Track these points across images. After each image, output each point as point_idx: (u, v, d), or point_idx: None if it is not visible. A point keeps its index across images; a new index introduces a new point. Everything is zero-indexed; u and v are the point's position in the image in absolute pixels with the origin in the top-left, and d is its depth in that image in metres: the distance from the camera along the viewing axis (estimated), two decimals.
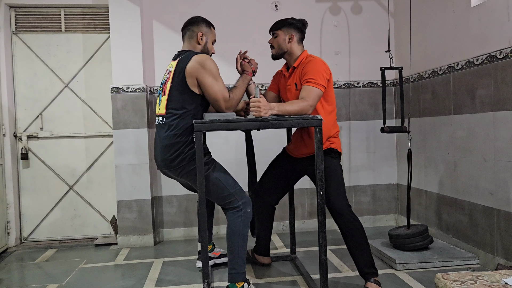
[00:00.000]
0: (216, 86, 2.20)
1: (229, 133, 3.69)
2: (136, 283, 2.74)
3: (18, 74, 3.79)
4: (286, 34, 2.54)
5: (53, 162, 3.84)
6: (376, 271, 2.43)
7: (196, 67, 2.18)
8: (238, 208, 2.26)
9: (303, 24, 2.59)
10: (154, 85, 3.78)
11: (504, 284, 1.59)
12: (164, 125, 2.28)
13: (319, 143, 2.14)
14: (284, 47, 2.55)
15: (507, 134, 2.58)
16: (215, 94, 2.21)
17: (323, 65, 2.43)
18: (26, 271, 3.09)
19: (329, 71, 2.45)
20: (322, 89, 2.35)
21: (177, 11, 3.79)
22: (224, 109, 2.25)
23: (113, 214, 3.83)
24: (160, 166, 2.35)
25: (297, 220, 3.82)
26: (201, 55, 2.24)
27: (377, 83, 3.94)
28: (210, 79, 2.19)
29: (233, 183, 2.32)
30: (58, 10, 3.82)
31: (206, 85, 2.20)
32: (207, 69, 2.19)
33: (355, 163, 3.98)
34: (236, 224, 2.24)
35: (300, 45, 2.58)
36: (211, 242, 2.91)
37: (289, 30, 2.54)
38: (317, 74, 2.35)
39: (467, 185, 2.97)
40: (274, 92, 2.75)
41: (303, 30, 2.59)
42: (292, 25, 2.54)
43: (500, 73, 2.62)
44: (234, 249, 2.24)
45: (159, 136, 2.31)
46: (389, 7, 3.87)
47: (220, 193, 2.28)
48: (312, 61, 2.44)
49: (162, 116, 2.30)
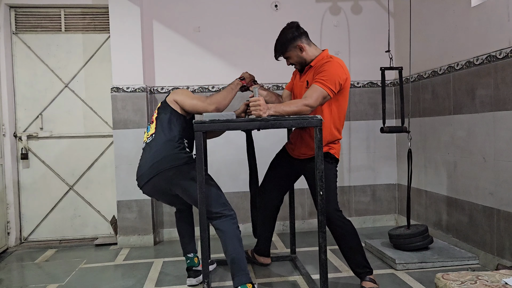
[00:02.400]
0: (189, 98, 2.44)
1: (230, 133, 3.69)
2: (136, 283, 2.74)
3: (18, 74, 3.79)
4: (295, 49, 2.43)
5: (53, 162, 3.84)
6: (371, 269, 2.44)
7: (171, 95, 2.51)
8: (232, 216, 2.33)
9: (297, 27, 2.46)
10: (154, 85, 3.79)
11: (504, 284, 1.59)
12: (154, 140, 2.43)
13: (319, 143, 2.14)
14: (303, 60, 2.45)
15: (507, 134, 2.58)
16: (191, 102, 2.42)
17: (339, 69, 2.33)
18: (26, 271, 3.09)
19: (345, 76, 2.34)
20: (329, 92, 2.28)
21: (177, 11, 3.79)
22: (205, 105, 2.37)
23: (113, 214, 3.83)
24: (148, 175, 2.37)
25: (297, 220, 3.82)
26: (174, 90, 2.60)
27: (377, 83, 3.94)
28: (183, 96, 2.46)
29: (223, 194, 2.42)
30: (58, 10, 3.82)
31: (182, 100, 2.44)
32: (178, 92, 2.51)
33: (355, 163, 3.98)
34: (233, 229, 2.30)
35: (312, 45, 2.47)
36: (196, 253, 2.76)
37: (293, 45, 2.43)
38: (329, 76, 2.28)
39: (467, 185, 2.97)
40: (289, 91, 2.71)
41: (301, 32, 2.46)
42: (291, 40, 2.42)
43: (500, 73, 2.62)
44: (239, 252, 2.26)
45: (149, 150, 2.42)
46: (389, 7, 3.87)
47: (217, 200, 2.33)
48: (330, 62, 2.35)
49: (151, 135, 2.46)
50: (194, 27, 3.81)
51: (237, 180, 3.83)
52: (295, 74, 2.68)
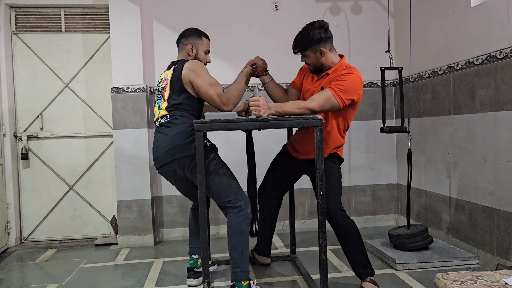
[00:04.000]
0: (207, 85, 2.31)
1: (230, 132, 3.69)
2: (136, 283, 2.74)
3: (18, 74, 3.79)
4: (315, 51, 2.34)
5: (53, 162, 3.84)
6: (372, 271, 2.43)
7: (188, 73, 2.34)
8: (240, 207, 2.28)
9: (325, 30, 2.33)
10: (154, 85, 3.78)
11: (504, 284, 1.59)
12: (170, 122, 2.36)
13: (319, 143, 2.14)
14: (319, 63, 2.38)
15: (507, 134, 2.58)
16: (207, 91, 2.30)
17: (358, 84, 2.29)
18: (26, 271, 3.09)
19: (361, 91, 2.31)
20: (340, 102, 2.23)
21: (177, 11, 3.79)
22: (220, 104, 2.29)
23: (113, 214, 3.83)
24: (164, 158, 2.34)
25: (297, 220, 3.82)
26: (191, 61, 2.41)
27: (377, 83, 3.94)
28: (201, 80, 2.32)
29: (237, 182, 2.36)
30: (58, 10, 3.82)
31: (199, 85, 2.31)
32: (197, 72, 2.33)
33: (355, 163, 3.98)
34: (239, 223, 2.26)
35: (333, 51, 2.39)
36: (200, 256, 2.71)
37: (317, 46, 2.33)
38: (346, 88, 2.23)
39: (467, 185, 2.97)
40: (295, 89, 2.64)
41: (328, 36, 2.35)
42: (316, 41, 2.31)
43: (500, 73, 2.62)
44: (238, 248, 2.25)
45: (165, 133, 2.36)
46: (389, 7, 3.87)
47: (226, 189, 2.30)
48: (351, 74, 2.28)
49: (164, 116, 2.39)
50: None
51: (237, 180, 3.82)
52: (304, 73, 2.60)
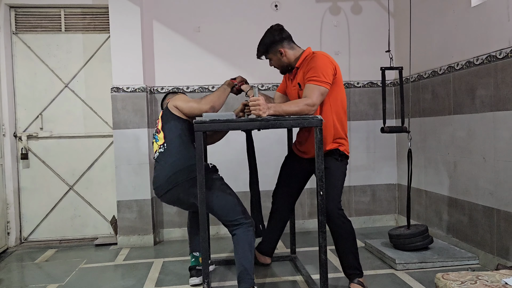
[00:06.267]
0: (187, 101, 2.50)
1: (230, 133, 3.68)
2: (136, 283, 2.74)
3: (18, 74, 3.79)
4: (275, 53, 2.47)
5: (53, 162, 3.84)
6: (361, 273, 2.44)
7: (171, 102, 2.54)
8: (248, 224, 2.34)
9: (280, 31, 2.47)
10: (154, 85, 3.79)
11: (504, 284, 1.59)
12: (168, 150, 2.44)
13: (319, 143, 2.14)
14: (284, 63, 2.50)
15: (507, 134, 2.58)
16: (187, 103, 2.46)
17: (325, 60, 2.34)
18: (26, 271, 3.09)
19: (333, 65, 2.34)
20: (327, 86, 2.28)
21: (177, 11, 3.79)
22: (198, 105, 2.41)
23: (113, 214, 3.82)
24: (165, 187, 2.40)
25: (297, 220, 3.82)
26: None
27: (377, 83, 3.94)
28: (181, 100, 2.51)
29: (241, 202, 2.43)
30: (58, 10, 3.82)
31: (181, 105, 2.48)
32: (177, 97, 2.56)
33: (355, 163, 3.98)
34: (249, 236, 2.33)
35: (295, 48, 2.49)
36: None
37: (275, 48, 2.46)
38: (319, 71, 2.28)
39: (467, 185, 2.97)
40: (281, 93, 2.73)
41: (283, 36, 2.46)
42: (273, 43, 2.45)
43: (500, 73, 2.62)
44: (245, 258, 2.29)
45: (164, 161, 2.43)
46: (389, 7, 3.87)
47: (234, 208, 2.35)
48: (315, 57, 2.35)
49: (161, 145, 2.48)
50: (194, 27, 3.81)
51: (237, 180, 3.81)
52: (286, 78, 2.69)
